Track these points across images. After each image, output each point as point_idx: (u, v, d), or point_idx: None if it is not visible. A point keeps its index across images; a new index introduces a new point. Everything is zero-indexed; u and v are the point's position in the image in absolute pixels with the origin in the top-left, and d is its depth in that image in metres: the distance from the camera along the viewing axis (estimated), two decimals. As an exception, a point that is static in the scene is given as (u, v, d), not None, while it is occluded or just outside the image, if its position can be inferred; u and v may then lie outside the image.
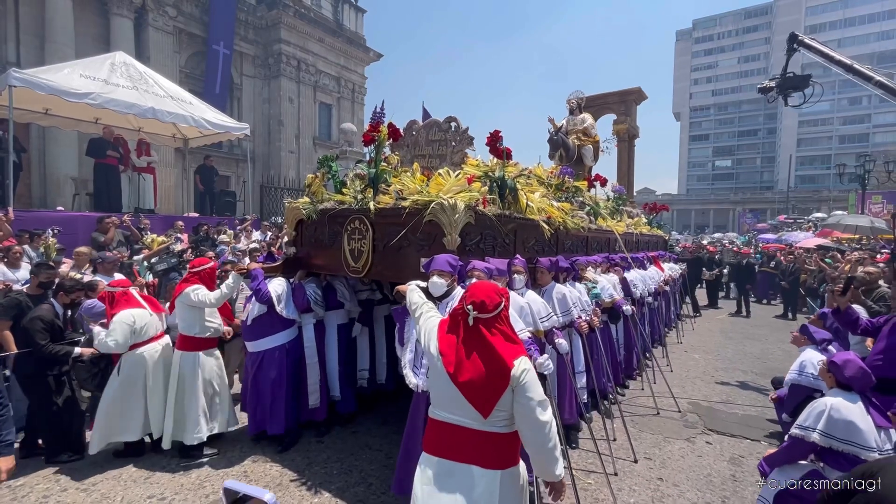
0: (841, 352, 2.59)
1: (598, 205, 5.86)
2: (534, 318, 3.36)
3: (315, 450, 3.98)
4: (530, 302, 3.43)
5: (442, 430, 1.92)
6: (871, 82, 5.61)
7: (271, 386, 3.93)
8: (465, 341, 1.89)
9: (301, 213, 4.17)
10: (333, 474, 3.58)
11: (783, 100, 6.46)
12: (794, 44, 6.34)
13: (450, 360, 1.88)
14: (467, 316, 1.90)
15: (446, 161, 4.25)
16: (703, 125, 74.44)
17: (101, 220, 6.73)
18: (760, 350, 8.01)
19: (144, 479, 3.47)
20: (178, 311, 3.91)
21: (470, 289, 1.99)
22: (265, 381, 3.95)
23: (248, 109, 18.00)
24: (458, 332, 1.93)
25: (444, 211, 3.06)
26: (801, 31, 29.94)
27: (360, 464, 3.74)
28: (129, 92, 8.01)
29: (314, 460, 3.80)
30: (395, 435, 4.27)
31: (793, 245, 14.82)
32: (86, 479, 3.44)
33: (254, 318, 3.94)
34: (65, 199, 11.32)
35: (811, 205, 41.62)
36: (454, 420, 1.89)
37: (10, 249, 4.96)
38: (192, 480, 3.46)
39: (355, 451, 3.98)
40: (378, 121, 3.72)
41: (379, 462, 3.77)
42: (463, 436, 1.86)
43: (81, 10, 12.76)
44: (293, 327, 4.11)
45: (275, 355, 3.98)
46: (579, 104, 7.89)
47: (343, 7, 20.91)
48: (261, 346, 3.99)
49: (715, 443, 4.36)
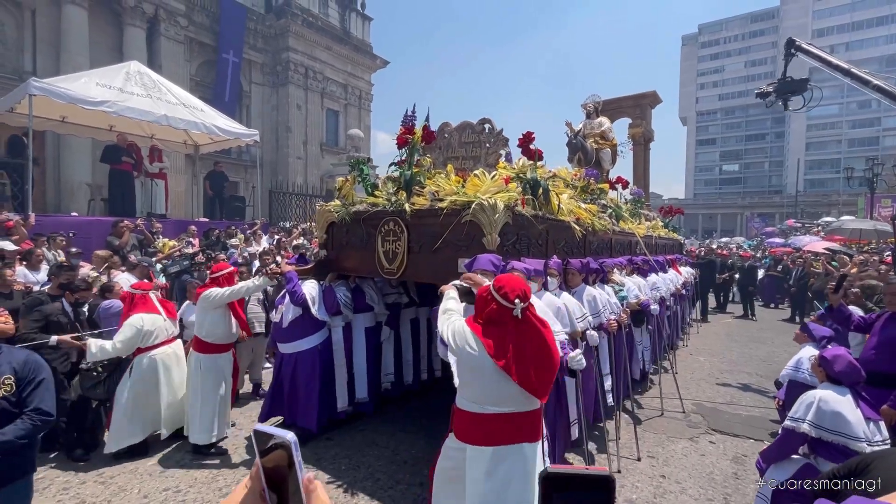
0: (833, 347, 2.65)
1: (619, 207, 5.86)
2: (570, 320, 3.43)
3: (323, 447, 4.07)
4: (566, 303, 3.49)
5: (491, 421, 2.00)
6: (869, 86, 5.66)
7: (306, 386, 4.04)
8: (519, 335, 1.96)
9: (333, 216, 4.23)
10: (342, 470, 3.67)
11: (783, 104, 6.50)
12: (791, 49, 6.40)
13: (501, 356, 1.93)
14: (510, 311, 1.95)
15: (480, 162, 4.28)
16: (709, 129, 74.14)
17: (116, 224, 6.91)
18: (766, 353, 8.01)
19: (160, 472, 3.59)
20: (196, 315, 4.05)
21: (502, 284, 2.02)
22: (300, 381, 4.06)
23: (256, 116, 18.30)
24: (505, 328, 1.97)
25: (485, 211, 3.10)
26: (809, 35, 29.86)
27: (367, 460, 3.83)
28: (144, 100, 8.23)
29: (323, 456, 3.89)
30: (402, 433, 4.37)
31: (800, 249, 14.75)
32: (104, 471, 3.57)
33: (291, 321, 4.02)
34: (78, 204, 11.59)
35: (820, 209, 41.29)
36: (504, 410, 1.99)
37: (32, 252, 5.13)
38: (205, 475, 3.57)
39: (362, 448, 4.07)
40: (411, 124, 3.79)
41: (386, 458, 3.85)
42: (513, 421, 2.00)
43: (96, 21, 13.11)
44: (324, 329, 4.20)
45: (309, 357, 4.08)
46: (596, 108, 7.86)
47: (350, 15, 21.22)
48: (296, 348, 4.08)
49: (718, 442, 4.40)
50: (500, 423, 2.00)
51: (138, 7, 13.65)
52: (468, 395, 2.06)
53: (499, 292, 2.00)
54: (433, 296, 4.95)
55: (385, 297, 4.82)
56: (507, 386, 1.95)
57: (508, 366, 1.92)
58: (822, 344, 3.33)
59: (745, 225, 49.58)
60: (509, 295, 1.97)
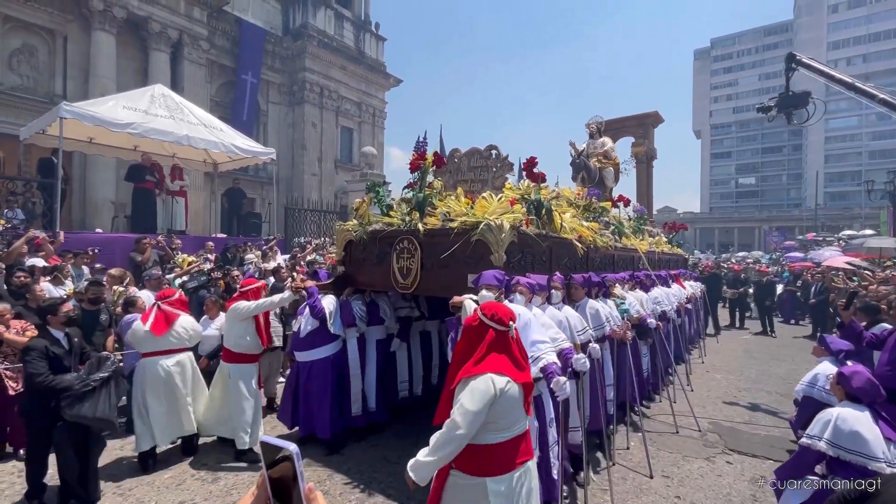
0: (853, 364, 2.61)
1: (621, 224, 6.06)
2: (571, 332, 3.58)
3: (336, 462, 4.10)
4: (568, 316, 3.68)
5: (508, 447, 2.02)
6: (875, 100, 5.61)
7: (318, 393, 4.25)
8: (518, 353, 2.10)
9: (351, 234, 4.55)
10: (354, 486, 3.69)
11: (787, 119, 6.49)
12: (792, 63, 6.40)
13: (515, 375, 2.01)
14: (507, 333, 2.07)
15: (488, 185, 4.58)
16: (724, 142, 73.48)
17: (139, 240, 7.13)
18: (786, 371, 7.82)
19: (176, 485, 3.65)
20: (225, 327, 4.26)
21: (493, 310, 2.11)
22: (314, 388, 4.27)
23: (273, 134, 18.79)
24: (509, 348, 2.07)
25: (492, 231, 3.36)
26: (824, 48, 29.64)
27: (379, 476, 3.84)
28: (167, 121, 8.55)
29: (335, 471, 3.92)
30: (413, 448, 4.34)
31: (820, 263, 14.44)
32: (122, 483, 3.65)
33: (308, 332, 4.26)
34: (103, 221, 11.97)
35: (842, 222, 40.39)
36: (517, 432, 2.05)
37: (61, 268, 5.33)
38: (220, 487, 3.62)
39: (374, 463, 4.08)
40: (423, 150, 4.07)
41: (398, 475, 3.85)
42: (523, 440, 2.08)
43: (123, 46, 13.72)
44: (338, 340, 4.43)
45: (323, 365, 4.29)
46: (599, 128, 8.16)
47: (365, 36, 21.81)
48: (311, 357, 4.30)
49: (736, 463, 4.30)
50: (514, 445, 2.05)
51: (163, 32, 14.25)
52: (494, 428, 2.01)
53: (493, 319, 2.07)
54: (442, 310, 5.15)
55: (397, 310, 5.04)
56: (520, 399, 2.04)
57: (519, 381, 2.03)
58: (840, 358, 3.26)
59: (763, 239, 48.63)
60: (504, 319, 2.07)
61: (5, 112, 11.94)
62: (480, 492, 1.97)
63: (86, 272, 6.09)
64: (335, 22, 20.25)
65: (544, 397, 3.04)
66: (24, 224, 7.19)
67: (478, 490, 1.98)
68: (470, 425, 1.90)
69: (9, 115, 11.90)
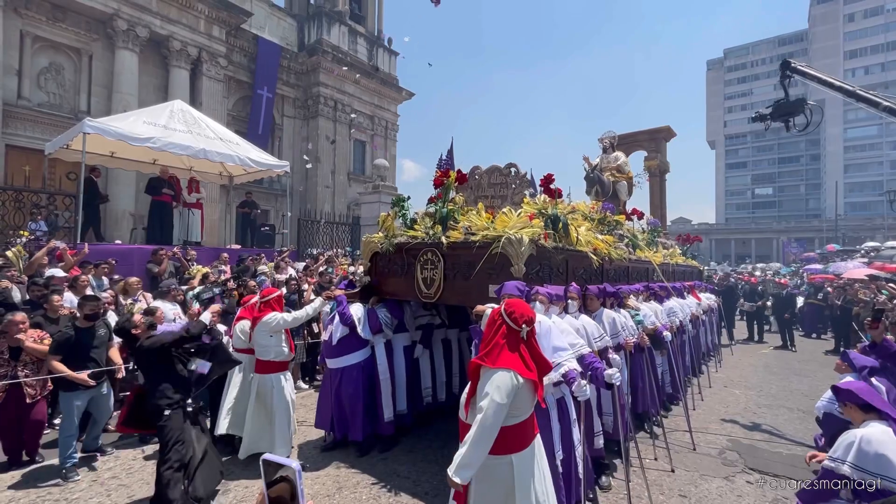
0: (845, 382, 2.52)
1: (635, 237, 6.13)
2: (588, 339, 3.68)
3: (345, 475, 4.07)
4: (585, 325, 3.80)
5: (523, 427, 2.30)
6: (879, 108, 5.47)
7: (351, 398, 4.42)
8: (527, 354, 2.30)
9: (377, 246, 4.74)
10: (363, 500, 3.65)
11: (785, 127, 6.38)
12: (787, 71, 6.29)
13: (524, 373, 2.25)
14: (518, 333, 2.28)
15: (507, 201, 4.77)
16: (739, 153, 72.58)
17: (156, 252, 7.28)
18: (808, 387, 7.57)
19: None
20: (257, 338, 4.22)
21: (513, 307, 2.32)
22: (347, 393, 4.44)
23: (287, 147, 19.13)
24: (519, 347, 2.29)
25: (512, 244, 3.54)
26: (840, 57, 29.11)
27: (388, 490, 3.79)
28: (185, 136, 8.77)
29: (344, 485, 3.88)
30: (423, 462, 4.32)
31: (841, 275, 14.06)
32: (134, 493, 3.66)
33: (339, 339, 4.46)
34: (121, 232, 12.27)
35: (863, 233, 39.37)
36: (529, 414, 2.32)
37: (78, 279, 5.45)
38: (229, 500, 3.61)
39: (384, 477, 4.03)
40: (446, 167, 4.24)
41: (407, 489, 3.81)
42: (531, 420, 2.36)
43: (145, 63, 14.17)
44: (367, 347, 4.62)
45: (354, 372, 4.49)
46: (612, 143, 8.24)
47: (378, 51, 22.20)
48: (343, 363, 4.49)
49: (756, 483, 4.15)
50: (530, 423, 2.35)
51: (184, 50, 14.70)
52: (515, 414, 2.29)
53: (510, 316, 2.30)
54: (462, 318, 5.49)
55: (418, 318, 5.23)
56: (531, 392, 2.29)
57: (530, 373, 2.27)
58: (864, 374, 3.14)
59: (782, 250, 47.63)
60: (518, 320, 2.28)
61: (32, 128, 12.39)
62: (506, 468, 2.26)
63: (105, 283, 6.22)
64: (349, 38, 20.67)
65: (567, 399, 3.22)
66: (47, 236, 7.39)
67: (504, 466, 2.26)
68: (500, 416, 2.16)
69: (35, 131, 12.35)
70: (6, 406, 4.04)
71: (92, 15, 13.11)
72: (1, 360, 4.07)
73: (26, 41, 12.30)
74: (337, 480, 3.97)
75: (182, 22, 14.67)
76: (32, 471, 4.05)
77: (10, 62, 11.89)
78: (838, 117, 58.14)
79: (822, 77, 6.15)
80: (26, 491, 3.70)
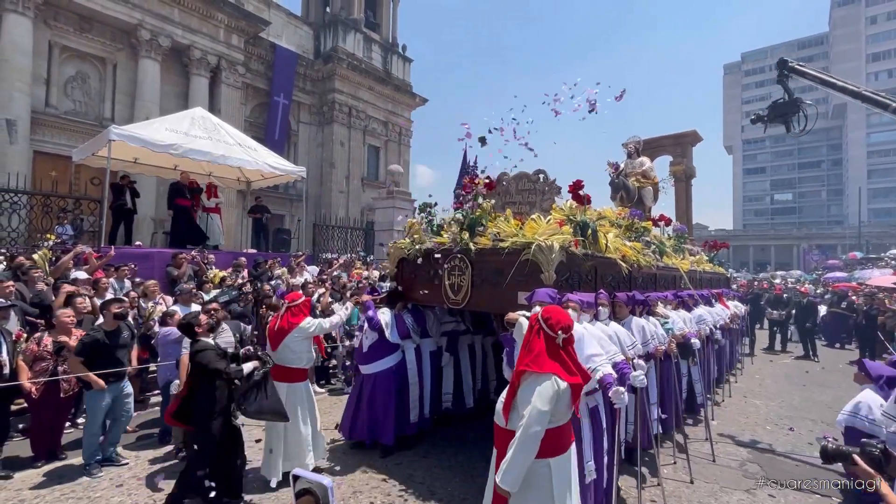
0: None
1: (662, 244, 6.03)
2: (621, 346, 3.68)
3: (360, 480, 4.08)
4: (617, 332, 3.81)
5: (560, 432, 2.35)
6: (889, 110, 5.13)
7: (384, 402, 4.50)
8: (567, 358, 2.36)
9: (404, 252, 4.78)
10: (408, 491, 3.74)
11: (785, 127, 6.10)
12: (784, 70, 6.00)
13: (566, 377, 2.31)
14: (554, 339, 2.33)
15: (536, 208, 4.73)
16: (758, 158, 71.30)
17: (175, 255, 7.42)
18: (832, 398, 7.35)
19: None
20: (289, 345, 3.96)
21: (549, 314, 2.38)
22: (379, 398, 4.51)
23: (303, 153, 19.40)
24: (558, 353, 2.34)
25: (542, 251, 3.54)
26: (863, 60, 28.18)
27: (402, 496, 3.79)
28: (205, 142, 8.96)
29: (359, 490, 3.89)
30: (437, 468, 4.31)
31: (865, 284, 13.67)
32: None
33: (370, 345, 4.53)
34: (143, 236, 12.53)
35: (888, 240, 38.23)
36: (567, 419, 2.37)
37: (99, 282, 5.59)
38: (246, 502, 3.65)
39: (400, 481, 4.02)
40: (474, 174, 4.26)
41: (422, 495, 3.80)
42: (569, 428, 2.40)
43: (167, 72, 14.55)
44: (398, 352, 4.67)
45: (386, 376, 4.55)
46: (637, 148, 8.03)
47: (392, 58, 22.44)
48: (375, 369, 4.56)
49: (779, 496, 4.04)
50: (568, 429, 2.39)
51: (204, 59, 15.05)
52: (555, 420, 2.33)
53: (546, 322, 2.36)
54: (486, 324, 5.54)
55: (444, 325, 5.27)
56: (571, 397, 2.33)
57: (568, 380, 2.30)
58: (881, 384, 3.04)
59: (802, 258, 46.53)
60: (554, 327, 2.33)
61: (59, 134, 12.79)
62: (545, 471, 2.30)
63: (127, 285, 6.37)
64: (364, 45, 20.93)
65: (600, 407, 3.21)
66: (73, 240, 7.59)
67: (543, 470, 2.30)
68: (543, 422, 2.22)
69: (62, 138, 12.75)
70: (45, 399, 4.20)
71: (117, 25, 13.52)
72: (45, 353, 4.26)
73: (54, 51, 12.73)
74: (352, 485, 3.98)
75: (203, 31, 15.03)
76: (55, 469, 4.15)
77: (38, 71, 12.31)
78: (861, 121, 56.78)
79: (823, 77, 5.83)
80: (51, 489, 3.79)
